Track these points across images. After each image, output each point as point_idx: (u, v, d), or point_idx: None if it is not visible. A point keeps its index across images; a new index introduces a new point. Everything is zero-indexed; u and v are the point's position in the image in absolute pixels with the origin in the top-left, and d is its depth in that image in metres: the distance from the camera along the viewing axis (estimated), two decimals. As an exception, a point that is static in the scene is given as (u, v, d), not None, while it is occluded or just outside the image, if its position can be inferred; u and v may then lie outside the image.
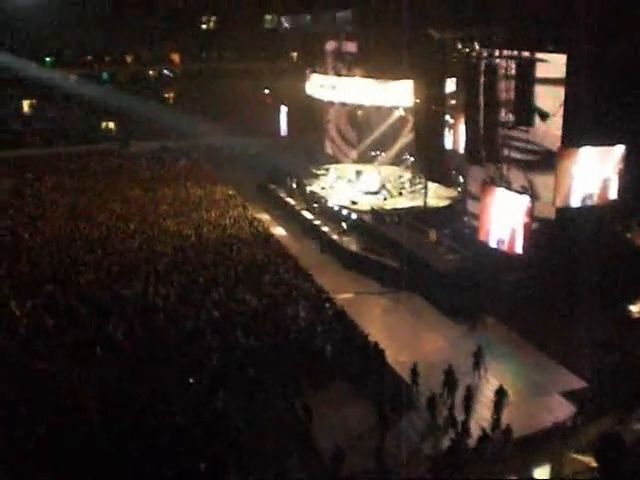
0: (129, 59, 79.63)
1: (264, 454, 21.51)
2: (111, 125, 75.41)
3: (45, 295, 32.04)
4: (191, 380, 24.47)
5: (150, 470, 18.81)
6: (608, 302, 30.61)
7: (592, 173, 33.77)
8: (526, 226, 32.16)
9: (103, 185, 55.78)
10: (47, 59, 74.30)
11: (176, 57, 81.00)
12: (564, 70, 32.83)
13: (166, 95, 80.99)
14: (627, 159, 33.92)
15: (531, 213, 32.29)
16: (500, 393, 24.39)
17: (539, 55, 32.97)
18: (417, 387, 25.75)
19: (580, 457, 18.80)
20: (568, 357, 28.00)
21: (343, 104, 53.55)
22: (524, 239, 32.17)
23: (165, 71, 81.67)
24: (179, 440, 20.72)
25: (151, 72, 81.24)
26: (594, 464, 9.03)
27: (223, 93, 75.43)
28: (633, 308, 31.17)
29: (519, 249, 32.51)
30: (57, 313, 29.99)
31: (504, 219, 33.46)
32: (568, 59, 32.52)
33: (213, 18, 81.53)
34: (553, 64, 33.05)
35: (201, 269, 36.07)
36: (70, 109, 73.43)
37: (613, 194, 34.65)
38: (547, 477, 19.23)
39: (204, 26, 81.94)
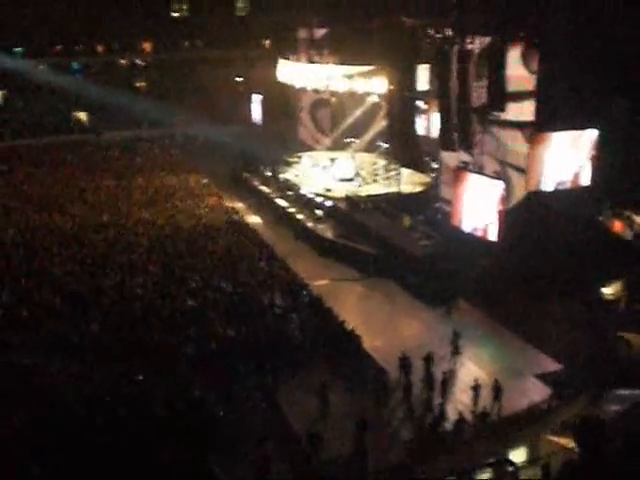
0: (100, 48, 78.94)
1: (243, 442, 21.59)
2: (83, 115, 74.68)
3: (20, 288, 31.86)
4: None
5: (129, 459, 18.80)
6: (581, 285, 30.91)
7: (565, 158, 34.04)
8: (500, 213, 32.38)
9: (76, 176, 55.35)
10: (17, 49, 73.43)
11: (147, 46, 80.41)
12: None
13: (138, 84, 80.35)
14: (599, 143, 34.21)
15: (505, 199, 32.52)
16: (496, 387, 24.46)
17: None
18: (408, 376, 25.73)
19: (555, 438, 19.04)
20: (542, 340, 28.24)
21: (316, 91, 53.47)
22: (498, 225, 32.40)
23: (137, 60, 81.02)
24: (157, 429, 20.72)
25: (122, 61, 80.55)
26: (570, 445, 9.17)
27: (196, 82, 75.13)
28: (606, 290, 31.46)
29: (493, 235, 32.74)
30: (32, 306, 29.83)
31: (478, 205, 33.67)
32: (540, 45, 32.67)
33: (184, 6, 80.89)
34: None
35: (176, 259, 35.98)
36: (41, 99, 72.66)
37: (586, 181, 34.95)
38: (523, 459, 19.46)
39: (175, 14, 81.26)
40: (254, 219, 47.09)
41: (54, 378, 23.63)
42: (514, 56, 33.43)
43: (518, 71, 33.49)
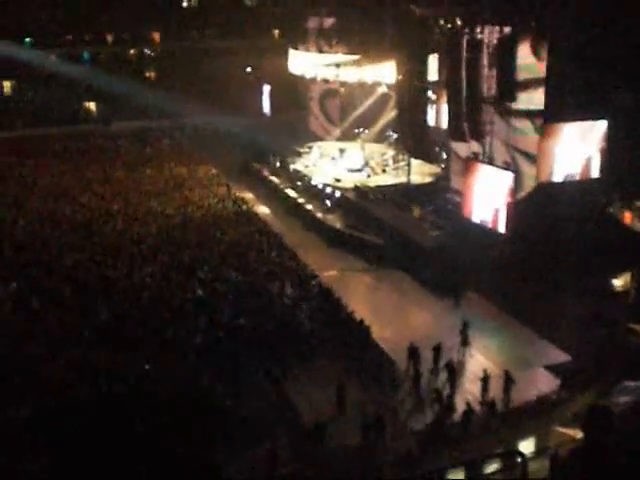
0: (109, 38, 78.87)
1: (251, 432, 21.63)
2: (93, 105, 74.69)
3: (30, 277, 31.93)
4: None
5: (137, 449, 18.87)
6: (591, 276, 30.81)
7: (574, 149, 33.91)
8: (509, 205, 32.27)
9: (85, 166, 55.40)
10: (26, 39, 73.44)
11: (156, 36, 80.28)
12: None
13: (147, 74, 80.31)
14: (609, 134, 34.07)
15: (514, 191, 32.40)
16: (507, 378, 24.42)
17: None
18: (417, 367, 25.72)
19: (564, 430, 19.02)
20: (552, 331, 28.17)
21: (325, 81, 53.35)
22: (507, 217, 32.30)
23: (146, 50, 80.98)
24: (166, 419, 20.78)
25: (132, 51, 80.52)
26: (579, 436, 9.13)
27: (205, 72, 74.93)
28: (616, 282, 31.38)
29: (502, 227, 32.65)
30: (42, 295, 29.91)
31: (488, 195, 33.58)
32: (550, 34, 32.53)
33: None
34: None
35: (185, 249, 36.01)
36: (51, 89, 72.68)
37: (595, 173, 34.80)
38: (532, 449, 19.44)
39: (184, 4, 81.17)
40: (263, 209, 47.09)
41: (61, 368, 23.72)
42: (524, 45, 33.27)
43: (529, 59, 33.35)
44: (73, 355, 24.63)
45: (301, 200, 46.04)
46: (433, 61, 40.46)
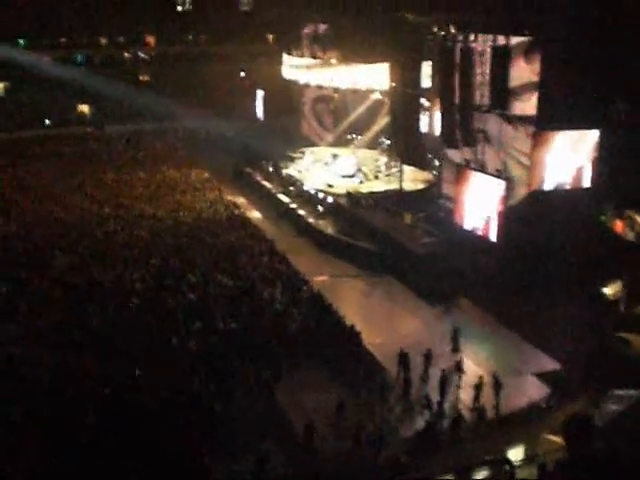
0: (103, 41, 78.85)
1: (242, 438, 21.61)
2: (86, 108, 74.61)
3: (19, 280, 31.84)
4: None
5: (128, 454, 18.81)
6: (582, 285, 30.86)
7: (566, 158, 33.99)
8: (500, 214, 32.34)
9: (78, 168, 55.31)
10: (20, 41, 73.38)
11: (151, 40, 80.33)
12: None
13: (141, 78, 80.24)
14: (601, 143, 34.15)
15: (505, 199, 32.46)
16: (495, 384, 24.49)
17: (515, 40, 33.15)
18: (407, 374, 25.71)
19: (553, 437, 19.03)
20: (542, 339, 28.21)
21: (319, 87, 53.43)
22: (498, 225, 32.37)
23: (140, 53, 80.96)
24: (156, 424, 20.72)
25: (126, 54, 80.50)
26: (567, 444, 9.14)
27: (199, 76, 74.99)
28: (607, 291, 31.44)
29: (493, 235, 32.71)
30: (31, 298, 29.83)
31: (480, 203, 33.64)
32: (544, 43, 32.62)
33: (189, 0, 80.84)
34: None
35: (177, 253, 35.97)
36: (44, 92, 72.54)
37: (586, 182, 34.88)
38: (521, 457, 19.44)
39: (179, 8, 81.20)
40: (255, 214, 47.08)
41: (50, 371, 23.65)
42: (518, 53, 33.35)
43: (522, 67, 33.43)
44: (62, 358, 24.55)
45: (293, 205, 46.02)
46: (426, 68, 40.52)
